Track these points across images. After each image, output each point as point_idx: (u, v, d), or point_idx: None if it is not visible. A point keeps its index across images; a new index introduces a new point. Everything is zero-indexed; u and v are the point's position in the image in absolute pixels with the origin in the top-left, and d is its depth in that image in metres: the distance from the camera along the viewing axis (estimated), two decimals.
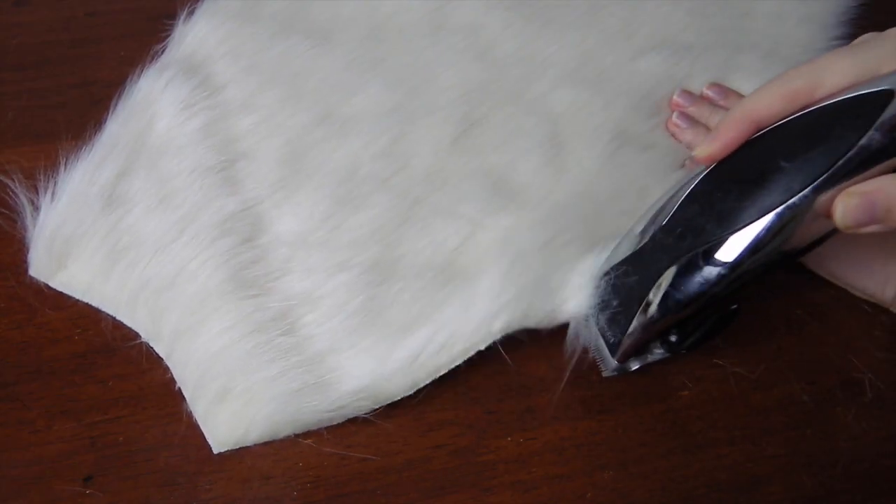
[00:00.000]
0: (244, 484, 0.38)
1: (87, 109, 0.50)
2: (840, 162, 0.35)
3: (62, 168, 0.46)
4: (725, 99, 0.53)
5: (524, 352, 0.42)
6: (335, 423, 0.40)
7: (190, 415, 0.40)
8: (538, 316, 0.42)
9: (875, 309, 0.45)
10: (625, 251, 0.40)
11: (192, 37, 0.53)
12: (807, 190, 0.35)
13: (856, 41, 0.40)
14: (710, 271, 0.36)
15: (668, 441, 0.40)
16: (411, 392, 0.41)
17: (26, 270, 0.44)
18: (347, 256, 0.44)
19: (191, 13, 0.54)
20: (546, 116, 0.52)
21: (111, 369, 0.41)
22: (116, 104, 0.49)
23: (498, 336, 0.41)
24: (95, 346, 0.42)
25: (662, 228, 0.38)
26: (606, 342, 0.40)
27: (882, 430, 0.41)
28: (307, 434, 0.40)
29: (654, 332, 0.39)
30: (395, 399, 0.40)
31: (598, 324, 0.40)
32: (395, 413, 0.40)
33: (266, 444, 0.39)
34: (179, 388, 0.40)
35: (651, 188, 0.47)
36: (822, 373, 0.43)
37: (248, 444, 0.39)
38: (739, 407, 0.42)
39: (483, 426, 0.40)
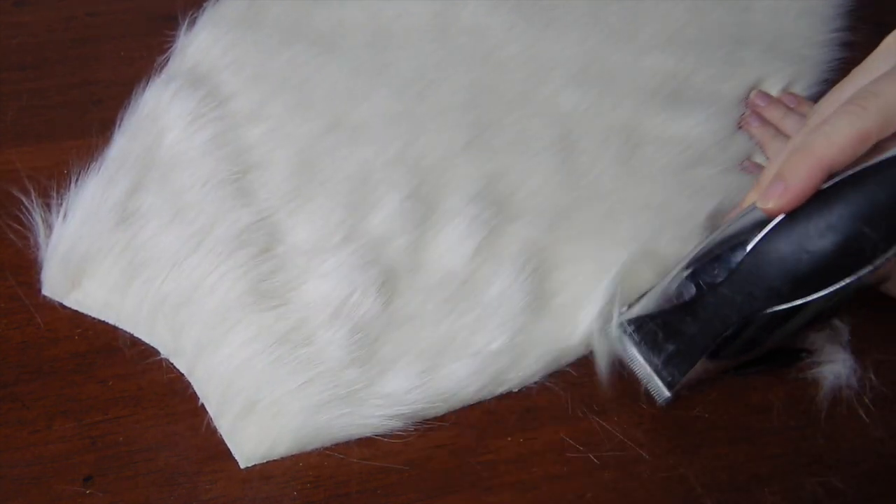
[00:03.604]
0: (244, 484, 0.38)
1: (88, 109, 0.51)
2: None
3: (72, 184, 0.45)
4: (800, 106, 0.53)
5: None
6: (365, 436, 0.39)
7: (189, 414, 0.40)
8: (571, 355, 0.43)
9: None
10: (673, 295, 0.39)
11: (195, 47, 0.52)
12: (890, 252, 0.34)
13: None
14: (783, 328, 0.37)
15: (668, 441, 0.40)
16: (442, 414, 0.41)
17: (26, 270, 0.44)
18: (364, 262, 0.44)
19: (192, 22, 0.53)
20: (556, 118, 0.51)
21: (111, 369, 0.41)
22: (122, 117, 0.48)
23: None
24: (95, 346, 0.42)
25: (727, 283, 0.37)
26: (662, 380, 0.40)
27: (882, 430, 0.41)
28: None
29: (717, 373, 0.40)
30: (427, 418, 0.40)
31: (647, 361, 0.40)
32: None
33: None
34: (202, 404, 0.40)
35: (669, 185, 0.47)
36: (823, 373, 0.43)
37: (276, 458, 0.39)
38: (739, 407, 0.41)
39: (483, 426, 0.40)
